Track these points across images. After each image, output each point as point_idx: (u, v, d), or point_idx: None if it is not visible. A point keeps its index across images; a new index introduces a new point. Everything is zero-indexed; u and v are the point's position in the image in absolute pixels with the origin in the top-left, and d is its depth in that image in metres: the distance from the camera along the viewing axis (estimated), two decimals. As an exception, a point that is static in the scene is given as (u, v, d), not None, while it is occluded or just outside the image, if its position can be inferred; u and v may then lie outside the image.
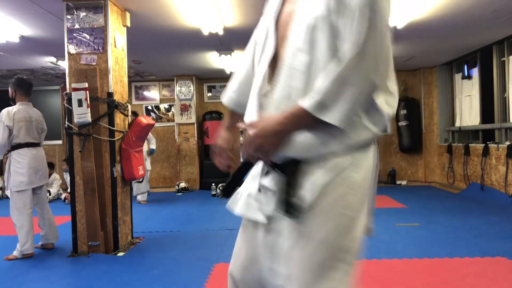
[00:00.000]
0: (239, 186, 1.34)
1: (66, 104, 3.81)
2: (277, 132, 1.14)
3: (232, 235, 4.52)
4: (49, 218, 4.08)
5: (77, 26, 3.89)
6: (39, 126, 4.08)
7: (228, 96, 1.51)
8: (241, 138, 12.68)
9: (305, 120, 1.11)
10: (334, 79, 1.08)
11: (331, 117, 1.09)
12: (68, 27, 3.90)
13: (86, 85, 3.71)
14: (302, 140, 1.15)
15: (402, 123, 8.34)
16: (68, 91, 3.81)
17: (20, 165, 3.88)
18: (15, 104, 3.99)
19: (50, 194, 7.10)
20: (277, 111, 1.17)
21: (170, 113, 9.08)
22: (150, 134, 7.25)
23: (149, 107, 9.11)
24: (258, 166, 1.30)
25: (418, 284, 2.94)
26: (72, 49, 3.89)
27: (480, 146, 6.62)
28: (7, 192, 4.03)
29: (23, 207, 3.85)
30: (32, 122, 3.98)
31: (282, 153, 1.17)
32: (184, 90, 8.58)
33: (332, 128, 1.12)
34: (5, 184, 4.00)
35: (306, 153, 1.17)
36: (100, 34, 3.88)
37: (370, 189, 1.25)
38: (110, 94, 3.88)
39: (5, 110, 3.89)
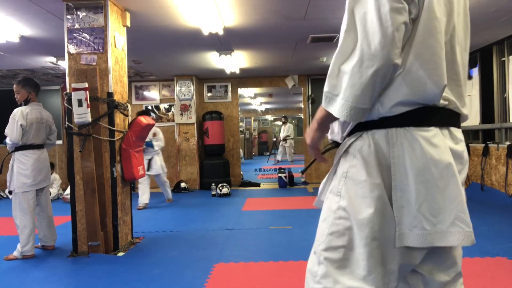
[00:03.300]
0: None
1: (66, 104, 3.80)
2: (314, 128, 1.31)
3: (232, 235, 4.52)
4: (49, 221, 4.08)
5: (77, 26, 3.89)
6: (48, 127, 4.08)
7: None
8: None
9: (325, 114, 1.25)
10: (330, 71, 1.20)
11: (333, 109, 1.20)
12: (68, 27, 3.90)
13: (86, 85, 3.71)
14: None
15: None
16: (68, 91, 3.81)
17: (24, 166, 3.87)
18: (23, 105, 3.96)
19: (50, 194, 7.07)
20: None
21: (170, 113, 9.07)
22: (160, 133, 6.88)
23: (149, 107, 9.11)
24: None
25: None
26: (72, 49, 3.89)
27: (480, 146, 6.61)
28: (7, 192, 4.02)
29: (26, 208, 3.85)
30: (43, 124, 3.99)
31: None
32: (184, 90, 8.57)
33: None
34: (7, 183, 3.98)
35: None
36: (100, 34, 3.88)
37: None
38: (110, 94, 3.88)
39: (18, 110, 3.88)
